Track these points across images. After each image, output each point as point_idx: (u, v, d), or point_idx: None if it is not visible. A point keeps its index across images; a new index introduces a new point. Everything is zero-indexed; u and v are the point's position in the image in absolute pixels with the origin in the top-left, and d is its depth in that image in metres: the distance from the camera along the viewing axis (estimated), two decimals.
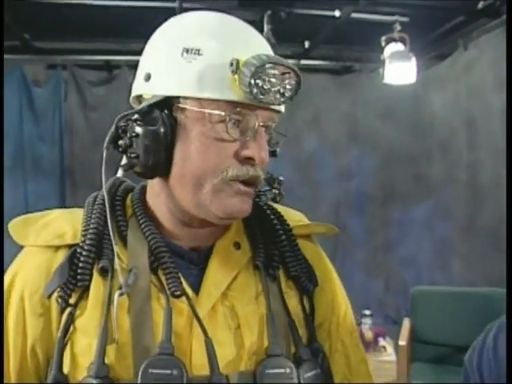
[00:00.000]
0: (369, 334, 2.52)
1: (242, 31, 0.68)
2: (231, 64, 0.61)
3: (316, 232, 0.80)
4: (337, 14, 3.54)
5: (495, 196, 3.96)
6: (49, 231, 0.69)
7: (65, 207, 3.27)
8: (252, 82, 0.60)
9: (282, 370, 0.64)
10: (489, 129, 4.00)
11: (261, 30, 3.58)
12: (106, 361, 0.61)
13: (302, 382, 0.65)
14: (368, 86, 4.52)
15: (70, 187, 4.25)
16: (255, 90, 0.61)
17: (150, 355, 0.60)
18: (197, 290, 0.67)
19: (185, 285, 0.66)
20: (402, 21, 3.66)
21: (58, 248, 0.68)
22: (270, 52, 0.68)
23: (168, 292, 0.64)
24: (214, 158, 0.63)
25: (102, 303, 0.64)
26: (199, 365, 0.63)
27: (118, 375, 0.61)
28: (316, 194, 4.74)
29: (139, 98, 0.69)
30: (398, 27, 3.69)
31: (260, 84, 0.61)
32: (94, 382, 0.59)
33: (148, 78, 0.66)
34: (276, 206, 0.79)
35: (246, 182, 0.65)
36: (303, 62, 4.65)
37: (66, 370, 0.63)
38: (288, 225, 0.75)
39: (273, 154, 0.72)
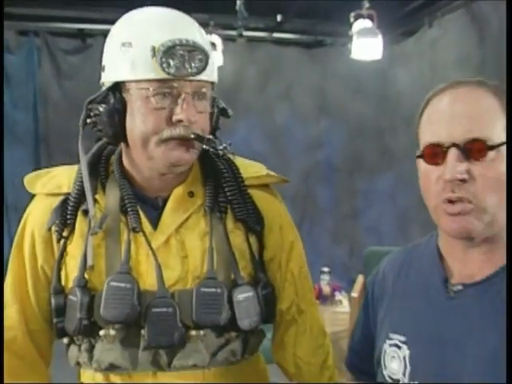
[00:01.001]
0: (327, 289, 2.80)
1: (167, 22, 0.84)
2: (151, 49, 0.79)
3: (267, 182, 0.96)
4: None
5: None
6: (52, 183, 0.91)
7: None
8: (164, 60, 0.78)
9: (214, 290, 0.84)
10: None
11: (233, 4, 3.66)
12: (86, 276, 0.85)
13: (234, 300, 0.84)
14: (338, 60, 4.64)
15: (44, 155, 4.30)
16: (165, 66, 0.78)
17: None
18: (156, 227, 0.87)
19: (146, 223, 0.87)
20: None
21: (58, 195, 0.89)
22: (192, 35, 0.82)
23: (130, 228, 0.86)
24: (152, 124, 0.81)
25: (84, 236, 0.86)
26: (152, 284, 0.84)
27: (94, 286, 0.85)
28: (286, 163, 4.89)
29: (103, 84, 0.87)
30: (366, 4, 3.82)
31: (171, 63, 0.78)
32: (77, 289, 0.84)
33: (103, 69, 0.86)
34: (238, 159, 0.95)
35: (182, 139, 0.82)
36: (275, 35, 4.77)
37: (62, 282, 0.88)
38: (241, 176, 0.92)
39: (224, 113, 0.89)
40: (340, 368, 0.97)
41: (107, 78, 0.85)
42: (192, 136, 0.82)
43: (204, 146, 0.85)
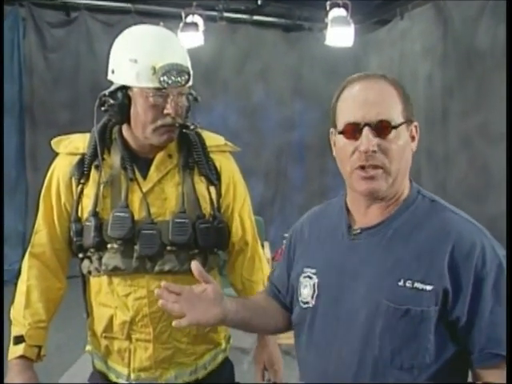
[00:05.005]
0: None
1: (164, 43, 1.15)
2: (152, 68, 1.11)
3: (224, 149, 1.30)
4: None
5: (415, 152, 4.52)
6: (71, 145, 1.24)
7: (24, 143, 3.83)
8: (162, 78, 1.10)
9: (183, 220, 1.18)
10: (415, 92, 4.50)
11: None
12: (97, 209, 1.18)
13: (196, 228, 1.19)
14: (314, 44, 4.80)
15: (29, 124, 4.36)
16: (162, 81, 1.10)
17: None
18: (145, 178, 1.20)
19: (138, 175, 1.20)
20: None
21: (75, 154, 1.22)
22: (180, 56, 1.14)
23: (128, 178, 1.19)
24: (150, 115, 1.14)
25: (95, 183, 1.19)
26: (142, 215, 1.18)
27: (102, 217, 1.18)
28: (260, 141, 5.11)
29: (111, 81, 1.18)
30: None
31: (167, 79, 1.10)
32: (91, 218, 1.18)
33: (113, 72, 1.16)
34: (205, 132, 1.27)
35: (169, 126, 1.15)
36: (256, 17, 4.93)
37: (79, 214, 1.21)
38: (205, 144, 1.26)
39: (195, 99, 1.21)
40: None
41: (117, 80, 1.15)
42: (177, 124, 1.17)
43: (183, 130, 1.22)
